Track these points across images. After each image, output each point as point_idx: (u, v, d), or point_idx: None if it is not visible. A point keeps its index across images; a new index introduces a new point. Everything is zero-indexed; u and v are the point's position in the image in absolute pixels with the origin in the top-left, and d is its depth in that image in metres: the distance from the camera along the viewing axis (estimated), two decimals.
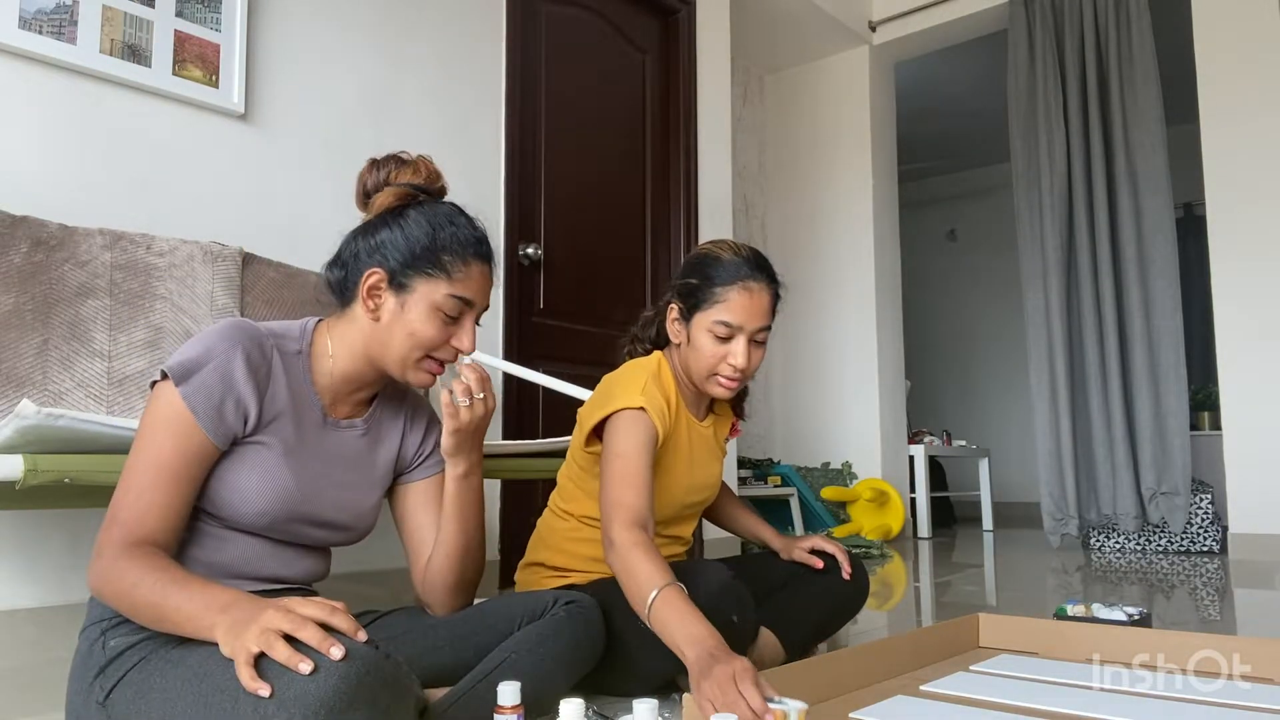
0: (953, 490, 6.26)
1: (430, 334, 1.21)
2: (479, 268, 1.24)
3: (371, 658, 0.92)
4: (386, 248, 1.22)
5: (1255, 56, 4.02)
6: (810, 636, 1.73)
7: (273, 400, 1.17)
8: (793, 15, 4.80)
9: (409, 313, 1.21)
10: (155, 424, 1.09)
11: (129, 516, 1.05)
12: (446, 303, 1.21)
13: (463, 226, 1.25)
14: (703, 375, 1.56)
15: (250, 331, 1.16)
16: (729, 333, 1.52)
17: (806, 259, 5.27)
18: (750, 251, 1.58)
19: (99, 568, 1.04)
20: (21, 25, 2.01)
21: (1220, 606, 2.70)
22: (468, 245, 1.24)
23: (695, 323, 1.55)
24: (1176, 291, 4.17)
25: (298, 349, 1.23)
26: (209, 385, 1.10)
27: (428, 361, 1.23)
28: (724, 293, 1.52)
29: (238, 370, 1.12)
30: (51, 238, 1.89)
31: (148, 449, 1.09)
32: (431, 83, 2.87)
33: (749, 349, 1.54)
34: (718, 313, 1.52)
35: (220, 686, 0.94)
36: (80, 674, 1.10)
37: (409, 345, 1.21)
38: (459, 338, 1.23)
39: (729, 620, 1.40)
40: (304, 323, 1.27)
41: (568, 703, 1.08)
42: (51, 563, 1.95)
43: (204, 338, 1.14)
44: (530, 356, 3.10)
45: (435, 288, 1.21)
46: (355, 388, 1.27)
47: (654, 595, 1.26)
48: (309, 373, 1.23)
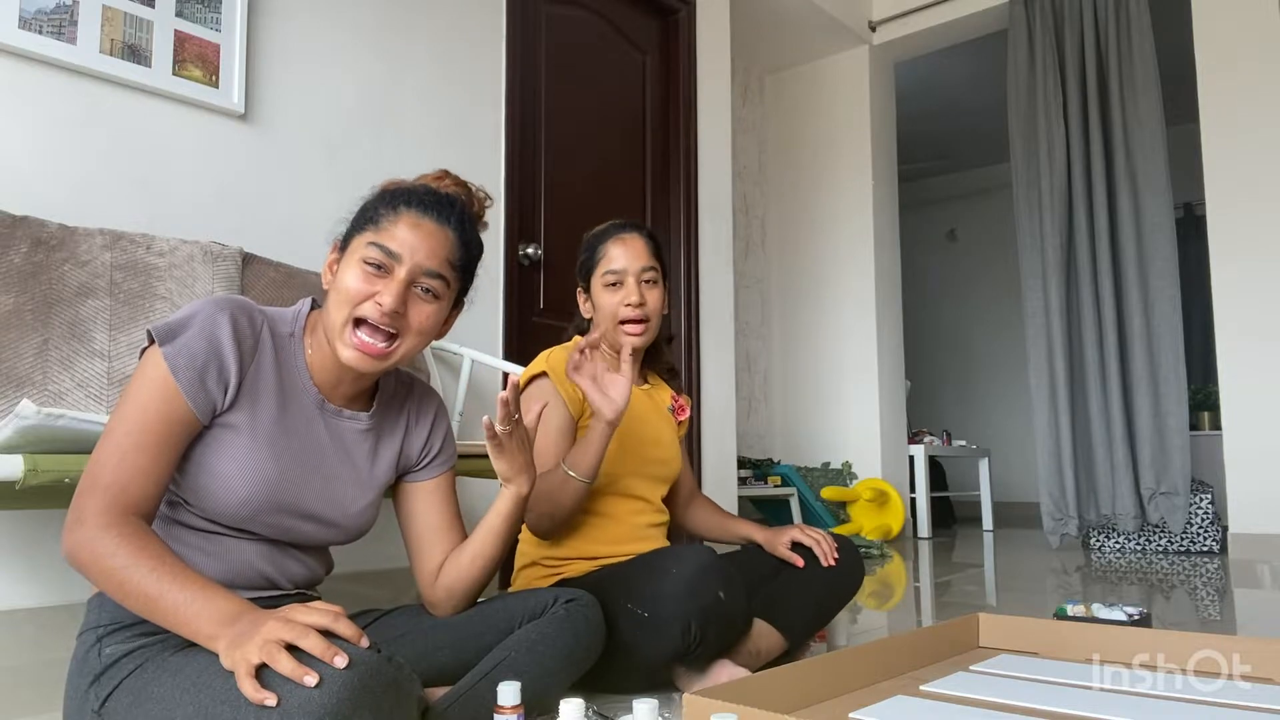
0: (953, 490, 6.26)
1: (349, 284, 1.12)
2: (412, 218, 1.15)
3: (374, 663, 0.91)
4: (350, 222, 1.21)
5: (1255, 56, 4.02)
6: (809, 622, 1.72)
7: (256, 375, 1.13)
8: (793, 15, 4.80)
9: (340, 268, 1.16)
10: (139, 386, 1.06)
11: (112, 480, 1.01)
12: (368, 251, 1.13)
13: (413, 186, 1.20)
14: (611, 324, 1.70)
15: (242, 303, 1.13)
16: (617, 278, 1.70)
17: (806, 259, 5.27)
18: (623, 218, 1.81)
19: (80, 536, 0.99)
20: (21, 25, 2.01)
21: (1220, 606, 2.70)
22: (401, 195, 1.17)
23: (593, 289, 1.74)
24: (1176, 291, 4.17)
25: (290, 331, 1.19)
26: (193, 347, 1.07)
27: (350, 331, 1.13)
28: (603, 249, 1.73)
29: (223, 333, 1.08)
30: (51, 238, 1.89)
31: (131, 411, 1.05)
32: (431, 83, 2.87)
33: (640, 287, 1.69)
34: (602, 267, 1.72)
35: (222, 697, 0.93)
36: (76, 680, 1.09)
37: (335, 303, 1.14)
38: (381, 294, 1.12)
39: (715, 595, 1.41)
40: (298, 307, 1.23)
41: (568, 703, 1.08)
42: (51, 563, 1.95)
43: (194, 304, 1.11)
44: (530, 356, 3.08)
45: (363, 239, 1.15)
46: (334, 377, 1.20)
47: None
48: (301, 357, 1.19)
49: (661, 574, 1.42)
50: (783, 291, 5.36)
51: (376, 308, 1.12)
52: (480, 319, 2.95)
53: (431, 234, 1.16)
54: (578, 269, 1.80)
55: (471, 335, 2.88)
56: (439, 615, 1.30)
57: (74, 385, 1.82)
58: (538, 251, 3.20)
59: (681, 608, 1.37)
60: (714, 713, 1.07)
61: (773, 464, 4.87)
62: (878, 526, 4.64)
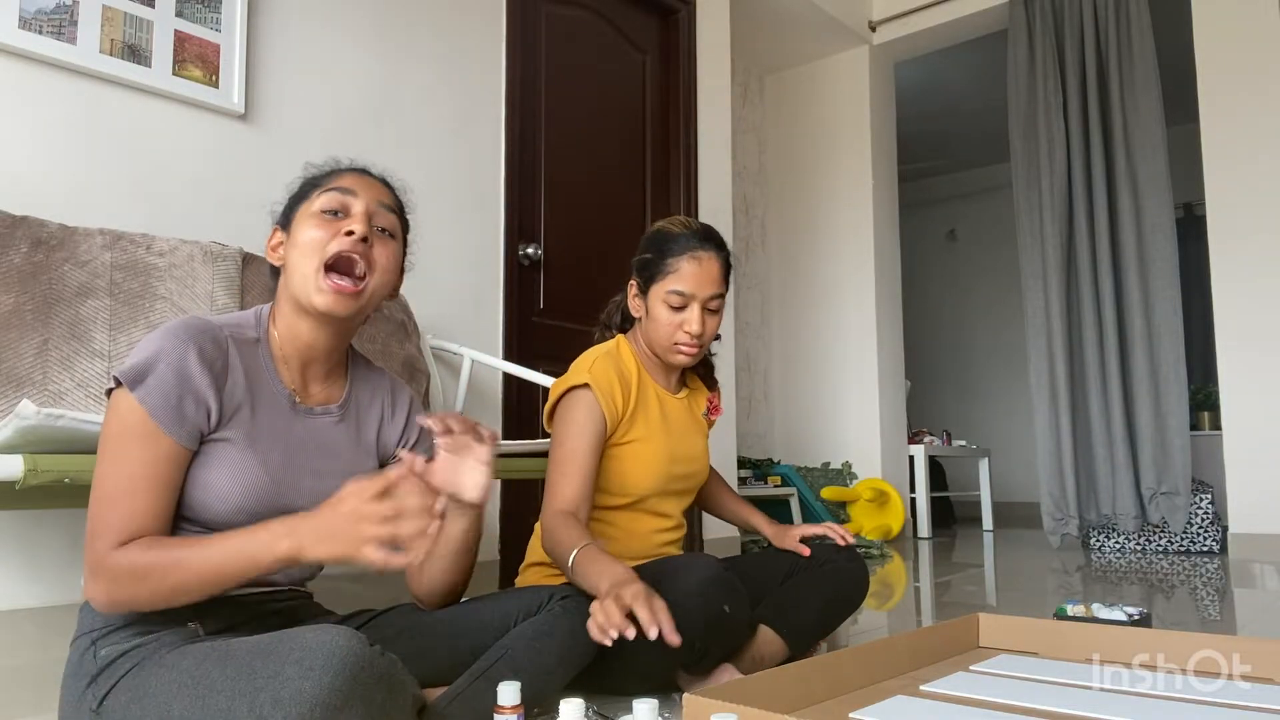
0: (953, 490, 6.26)
1: (312, 235, 1.17)
2: (352, 175, 1.24)
3: (366, 655, 0.92)
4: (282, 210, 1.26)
5: (1255, 56, 4.02)
6: (812, 631, 1.72)
7: (233, 392, 1.13)
8: (793, 15, 4.80)
9: (295, 236, 1.20)
10: (117, 435, 1.05)
11: (111, 524, 1.02)
12: (321, 201, 1.20)
13: (338, 160, 1.29)
14: (663, 345, 1.65)
15: (201, 326, 1.13)
16: (683, 301, 1.61)
17: (806, 259, 5.27)
18: (699, 224, 1.68)
19: (102, 583, 1.00)
20: (21, 25, 2.01)
21: (1220, 606, 2.70)
22: (330, 163, 1.27)
23: (651, 295, 1.64)
24: (1176, 291, 4.17)
25: (255, 336, 1.20)
26: (165, 385, 1.06)
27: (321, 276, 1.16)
28: (675, 263, 1.61)
29: (192, 365, 1.08)
30: (51, 238, 1.89)
31: (115, 462, 1.05)
32: (431, 83, 2.87)
33: (703, 316, 1.62)
34: (670, 283, 1.61)
35: (218, 688, 0.94)
36: (72, 684, 1.09)
37: (301, 261, 1.17)
38: (348, 224, 1.18)
39: (721, 610, 1.40)
40: (257, 310, 1.24)
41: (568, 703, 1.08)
42: (51, 563, 1.95)
43: (152, 339, 1.09)
44: (530, 356, 3.10)
45: (310, 204, 1.21)
46: (310, 358, 1.23)
47: (576, 551, 1.34)
48: (270, 359, 1.20)
49: (667, 586, 1.40)
50: (783, 291, 5.36)
51: (347, 238, 1.17)
52: (480, 319, 2.95)
53: (371, 184, 1.24)
54: (638, 263, 1.69)
55: (471, 335, 2.88)
56: (427, 607, 1.31)
57: (74, 385, 1.82)
58: (538, 251, 3.20)
59: (687, 621, 1.35)
60: (714, 713, 1.07)
61: (773, 464, 4.87)
62: (878, 526, 4.64)
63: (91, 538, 1.03)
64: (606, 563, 1.31)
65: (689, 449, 1.73)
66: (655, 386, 1.71)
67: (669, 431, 1.69)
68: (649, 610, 1.20)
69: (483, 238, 2.99)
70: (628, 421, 1.63)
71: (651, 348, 1.69)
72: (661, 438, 1.67)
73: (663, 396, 1.71)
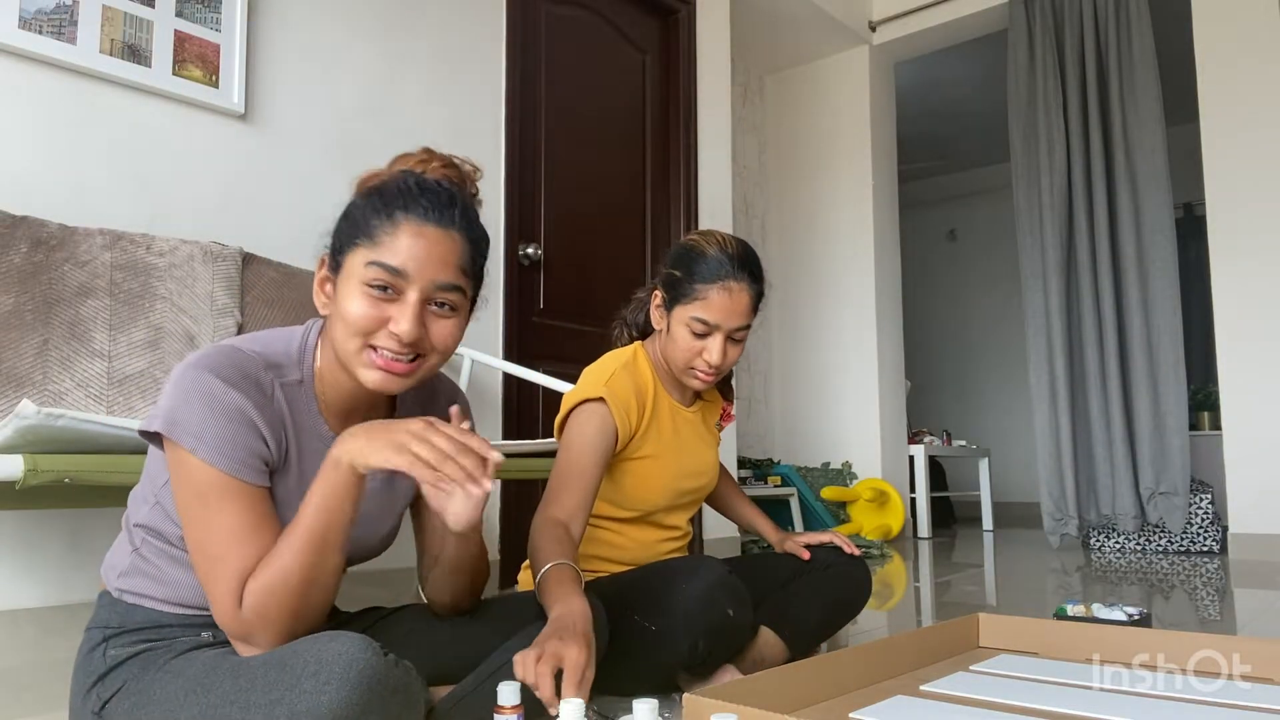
0: (953, 490, 6.26)
1: (355, 312, 1.00)
2: (413, 227, 1.01)
3: (382, 667, 0.91)
4: (333, 232, 1.07)
5: (1255, 57, 4.02)
6: (813, 634, 1.72)
7: (281, 439, 1.05)
8: (793, 15, 4.80)
9: (340, 294, 1.03)
10: (199, 497, 0.98)
11: (228, 583, 0.98)
12: (368, 273, 1.00)
13: (405, 186, 1.04)
14: (679, 367, 1.59)
15: (241, 369, 1.01)
16: (706, 330, 1.53)
17: (806, 259, 5.27)
18: (737, 248, 1.56)
19: (254, 637, 0.98)
20: (21, 25, 2.01)
21: (1220, 606, 2.70)
22: (395, 200, 1.02)
23: (675, 315, 1.56)
24: (1176, 291, 4.17)
25: (298, 378, 1.08)
26: (228, 437, 0.98)
27: (369, 353, 1.02)
28: (704, 290, 1.52)
29: (246, 409, 1.00)
30: (51, 238, 1.89)
31: (208, 524, 0.98)
32: (431, 83, 2.88)
33: (725, 346, 1.54)
34: (696, 309, 1.52)
35: (230, 698, 0.93)
36: (80, 677, 1.09)
37: (345, 333, 1.02)
38: (395, 320, 1.01)
39: (725, 614, 1.40)
40: (305, 332, 1.11)
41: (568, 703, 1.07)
42: (51, 563, 1.95)
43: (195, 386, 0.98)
44: (530, 356, 3.10)
45: (359, 257, 1.01)
46: (350, 405, 1.11)
47: (548, 567, 1.27)
48: (313, 401, 1.09)
49: (671, 589, 1.40)
50: (783, 291, 5.36)
51: (394, 338, 1.01)
52: (480, 319, 2.94)
53: (438, 241, 1.02)
54: (665, 279, 1.58)
55: (471, 335, 2.86)
56: (440, 614, 1.29)
57: (74, 385, 1.82)
58: (538, 251, 3.20)
59: (690, 624, 1.36)
60: (714, 713, 1.07)
61: (773, 464, 4.87)
62: (878, 526, 4.64)
63: (216, 602, 0.99)
64: (566, 592, 1.21)
65: (698, 463, 1.71)
66: (669, 400, 1.67)
67: (680, 448, 1.66)
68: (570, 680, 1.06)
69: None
70: (640, 438, 1.60)
71: (667, 363, 1.63)
72: (672, 455, 1.64)
73: (676, 411, 1.67)
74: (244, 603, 0.97)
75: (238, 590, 0.98)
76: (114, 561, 1.13)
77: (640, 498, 1.62)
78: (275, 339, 1.09)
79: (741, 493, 1.96)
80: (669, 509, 1.68)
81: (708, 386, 1.62)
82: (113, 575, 1.12)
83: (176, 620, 1.09)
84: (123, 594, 1.10)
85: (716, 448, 1.79)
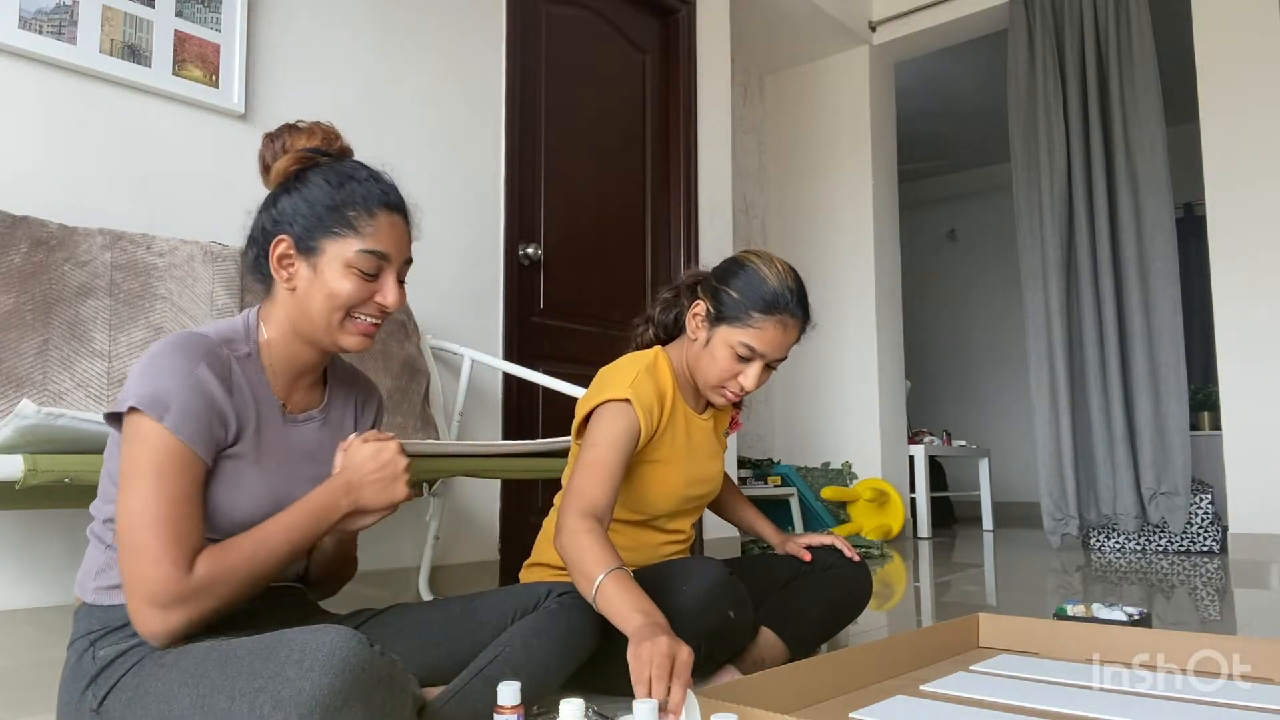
0: (953, 490, 6.26)
1: (349, 291, 1.17)
2: (388, 218, 1.20)
3: (366, 655, 0.92)
4: (288, 214, 1.19)
5: (1255, 57, 4.02)
6: (814, 635, 1.72)
7: (241, 409, 1.14)
8: (793, 15, 4.80)
9: (323, 275, 1.17)
10: (150, 463, 1.04)
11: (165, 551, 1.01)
12: (359, 259, 1.17)
13: (365, 180, 1.20)
14: (709, 383, 1.58)
15: (201, 343, 1.12)
16: (750, 355, 1.53)
17: (806, 259, 5.27)
18: (797, 282, 1.57)
19: (181, 610, 1.01)
20: (21, 25, 2.01)
21: (1220, 606, 2.70)
22: (372, 197, 1.19)
23: (720, 333, 1.55)
24: (1176, 291, 4.17)
25: (247, 351, 1.19)
26: (192, 409, 1.06)
27: (352, 321, 1.19)
28: (762, 320, 1.52)
29: (212, 386, 1.09)
30: (51, 238, 1.89)
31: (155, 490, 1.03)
32: (431, 83, 2.88)
33: (761, 374, 1.55)
34: (748, 336, 1.52)
35: (219, 687, 0.94)
36: (70, 685, 1.09)
37: (329, 307, 1.17)
38: (382, 293, 1.19)
39: (726, 615, 1.40)
40: (244, 317, 1.22)
41: (567, 703, 1.08)
42: (51, 563, 1.95)
43: (160, 361, 1.08)
44: (530, 356, 3.10)
45: (345, 246, 1.17)
46: (300, 372, 1.23)
47: (603, 575, 1.27)
48: (261, 371, 1.20)
49: (672, 591, 1.40)
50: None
51: (378, 306, 1.20)
52: (480, 319, 2.95)
53: (402, 228, 1.23)
54: (718, 295, 1.56)
55: (471, 335, 2.88)
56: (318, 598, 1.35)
57: (74, 385, 1.83)
58: (538, 251, 3.20)
59: (692, 626, 1.35)
60: (714, 713, 1.07)
61: (773, 464, 4.87)
62: (878, 526, 4.64)
63: (149, 568, 1.01)
64: (640, 594, 1.25)
65: (706, 471, 1.70)
66: (684, 408, 1.66)
67: (691, 456, 1.66)
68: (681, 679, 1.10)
69: (483, 237, 2.99)
70: (655, 442, 1.59)
71: (692, 372, 1.63)
72: (683, 461, 1.64)
73: (690, 418, 1.67)
74: (197, 570, 1.03)
75: (181, 557, 1.02)
76: (88, 568, 1.14)
77: (648, 502, 1.62)
78: (222, 324, 1.21)
79: (742, 496, 1.96)
80: (673, 514, 1.68)
81: (728, 405, 1.64)
82: (89, 581, 1.13)
83: None
84: (100, 595, 1.11)
85: (723, 458, 1.78)
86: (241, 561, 1.06)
